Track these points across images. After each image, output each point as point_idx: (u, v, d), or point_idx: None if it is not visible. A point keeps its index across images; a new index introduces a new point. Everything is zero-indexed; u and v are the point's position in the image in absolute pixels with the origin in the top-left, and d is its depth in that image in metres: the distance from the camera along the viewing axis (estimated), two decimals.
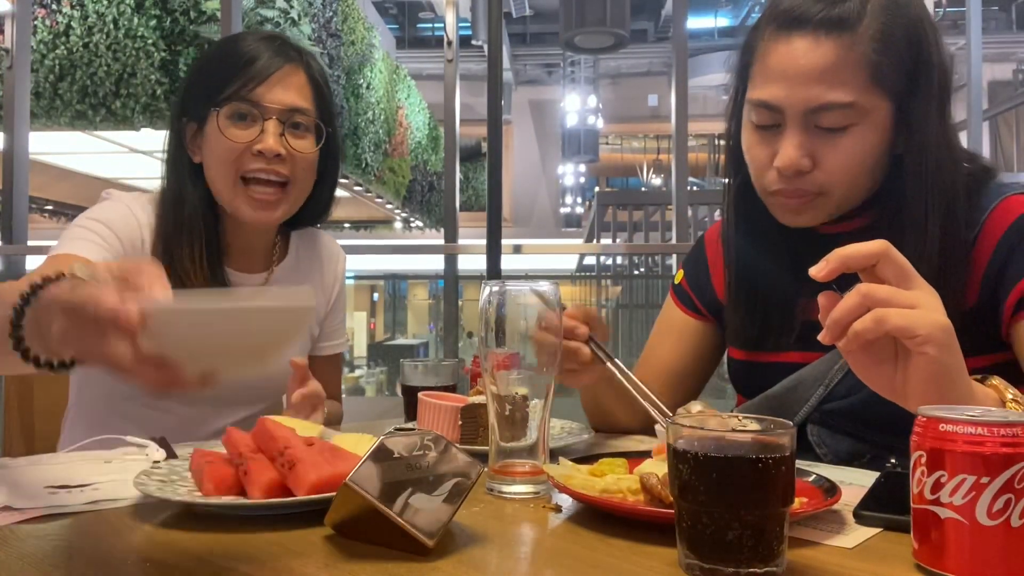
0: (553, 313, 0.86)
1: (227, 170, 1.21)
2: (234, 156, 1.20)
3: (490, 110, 2.82)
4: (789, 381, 1.09)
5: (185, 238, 1.23)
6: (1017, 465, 0.57)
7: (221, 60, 1.25)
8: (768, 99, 1.00)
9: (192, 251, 1.23)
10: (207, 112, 1.21)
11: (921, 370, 0.75)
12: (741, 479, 0.58)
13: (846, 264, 0.76)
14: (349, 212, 13.36)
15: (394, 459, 0.66)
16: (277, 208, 1.24)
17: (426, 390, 1.17)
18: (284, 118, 1.22)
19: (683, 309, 1.29)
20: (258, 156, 1.20)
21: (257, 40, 1.26)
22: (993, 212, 1.00)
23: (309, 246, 1.44)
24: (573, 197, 16.94)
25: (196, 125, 1.25)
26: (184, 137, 1.26)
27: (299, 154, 1.23)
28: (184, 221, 1.23)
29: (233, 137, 1.19)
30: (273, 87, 1.21)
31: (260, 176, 1.21)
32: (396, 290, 14.43)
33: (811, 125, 0.98)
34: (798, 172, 0.99)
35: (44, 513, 0.76)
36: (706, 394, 1.31)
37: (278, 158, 1.21)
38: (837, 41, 0.95)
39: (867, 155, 0.99)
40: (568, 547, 0.68)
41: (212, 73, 1.24)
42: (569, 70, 13.88)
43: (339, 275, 1.47)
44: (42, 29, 5.24)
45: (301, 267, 1.41)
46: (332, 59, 6.56)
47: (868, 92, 0.96)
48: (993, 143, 11.54)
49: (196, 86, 1.27)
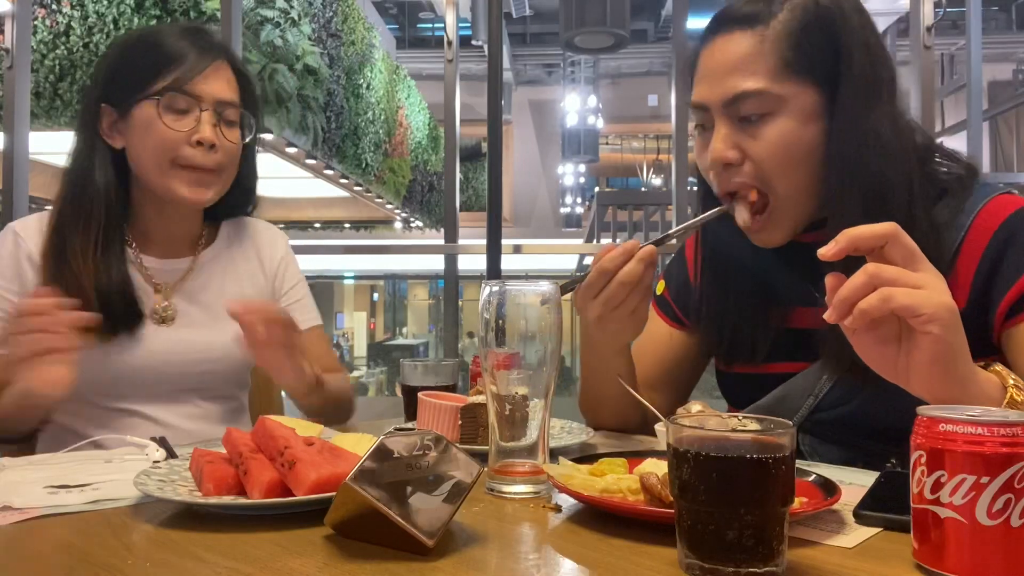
0: None
1: (162, 157, 1.25)
2: (171, 144, 1.25)
3: (490, 110, 2.82)
4: (778, 392, 1.09)
5: (82, 221, 1.26)
6: (1017, 465, 0.57)
7: (148, 52, 1.27)
8: (696, 99, 1.05)
9: (87, 235, 1.25)
10: (135, 101, 1.25)
11: (925, 350, 0.76)
12: (741, 479, 0.58)
13: (854, 244, 0.76)
14: (349, 212, 13.35)
15: (394, 459, 0.66)
16: (210, 189, 1.30)
17: (426, 390, 1.17)
18: (219, 110, 1.28)
19: (665, 320, 1.28)
20: (195, 146, 1.25)
21: (183, 33, 1.30)
22: (979, 215, 0.98)
23: (241, 233, 1.46)
24: (573, 197, 16.93)
25: (117, 113, 1.28)
26: (100, 122, 1.28)
27: (230, 144, 1.30)
28: (83, 204, 1.26)
29: (172, 126, 1.24)
30: (207, 80, 1.27)
31: (195, 164, 1.26)
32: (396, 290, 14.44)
33: (735, 118, 1.01)
34: (726, 164, 1.02)
35: (44, 513, 0.76)
36: (706, 394, 1.31)
37: (212, 148, 1.27)
38: (749, 34, 1.00)
39: (791, 142, 1.00)
40: (568, 547, 0.68)
41: (139, 64, 1.27)
42: (569, 70, 13.88)
43: (281, 256, 1.48)
44: (42, 29, 5.24)
45: (233, 254, 1.43)
46: (332, 59, 6.56)
47: (783, 80, 0.99)
48: (993, 143, 11.54)
49: (120, 75, 1.29)
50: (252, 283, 1.43)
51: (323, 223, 14.85)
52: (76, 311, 1.05)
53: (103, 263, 1.25)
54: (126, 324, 1.27)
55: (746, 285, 1.13)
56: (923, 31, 3.16)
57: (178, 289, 1.35)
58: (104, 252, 1.26)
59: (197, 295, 1.36)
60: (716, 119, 1.03)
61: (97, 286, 1.23)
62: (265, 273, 1.45)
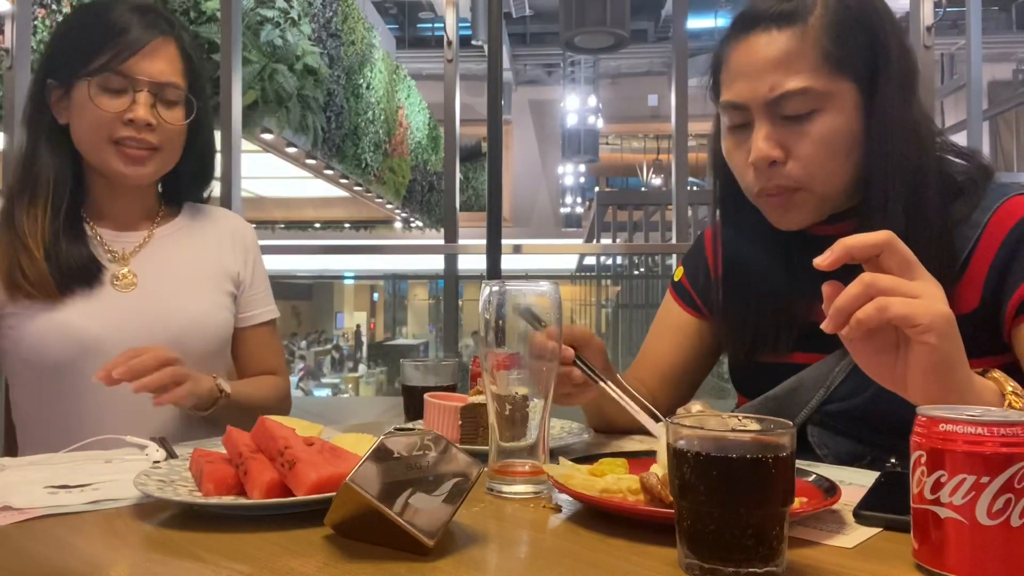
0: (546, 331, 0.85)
1: (97, 135, 1.26)
2: (105, 123, 1.25)
3: (490, 110, 2.82)
4: (790, 383, 1.09)
5: (28, 196, 1.26)
6: (1017, 465, 0.57)
7: (90, 28, 1.27)
8: (733, 99, 1.03)
9: (35, 209, 1.26)
10: (74, 79, 1.25)
11: (922, 359, 0.76)
12: (741, 479, 0.58)
13: (849, 254, 0.76)
14: (349, 212, 13.36)
15: (394, 459, 0.66)
16: (147, 164, 1.29)
17: (426, 390, 1.17)
18: (155, 91, 1.27)
19: (683, 306, 1.28)
20: (128, 124, 1.25)
21: (128, 10, 1.28)
22: (996, 213, 0.99)
23: (206, 220, 1.46)
24: (573, 197, 16.93)
25: (62, 89, 1.28)
26: (47, 97, 1.29)
27: (168, 124, 1.29)
28: (31, 179, 1.27)
29: (104, 107, 1.24)
30: (144, 59, 1.25)
31: (130, 142, 1.26)
32: (396, 290, 14.43)
33: (777, 116, 1.01)
34: (771, 163, 1.01)
35: (44, 513, 0.76)
36: (706, 394, 1.31)
37: (148, 127, 1.26)
38: (789, 32, 1.00)
39: (836, 139, 1.00)
40: (568, 547, 0.68)
41: (81, 40, 1.27)
42: (569, 70, 13.88)
43: (248, 248, 1.47)
44: (42, 29, 5.24)
45: (194, 232, 1.42)
46: (332, 59, 6.56)
47: (825, 76, 0.99)
48: (993, 143, 11.54)
49: (63, 51, 1.29)
50: (216, 260, 1.42)
51: (323, 223, 14.85)
52: None
53: (54, 224, 1.26)
54: (85, 279, 1.26)
55: (768, 279, 1.13)
56: (923, 31, 3.16)
57: (136, 256, 1.34)
58: (55, 216, 1.26)
59: (157, 265, 1.35)
60: (757, 118, 1.02)
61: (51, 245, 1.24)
62: (233, 256, 1.44)
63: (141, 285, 1.32)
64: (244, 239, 1.47)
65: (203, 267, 1.40)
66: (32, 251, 1.23)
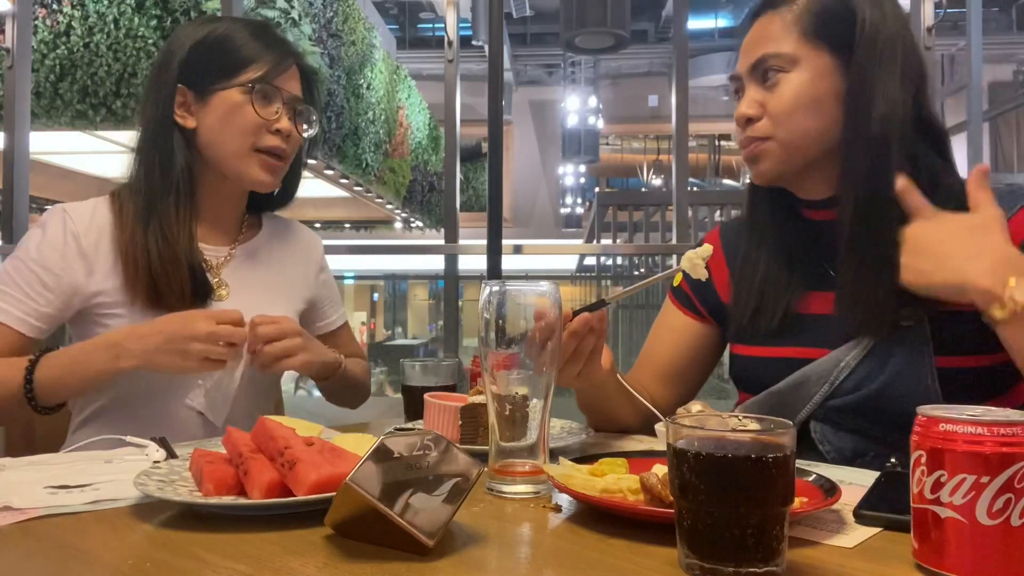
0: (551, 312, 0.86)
1: (244, 140, 1.31)
2: (256, 129, 1.31)
3: (490, 110, 2.82)
4: (794, 378, 1.10)
5: (172, 196, 1.30)
6: (1017, 464, 0.57)
7: (242, 42, 1.33)
8: (734, 72, 1.19)
9: (177, 210, 1.30)
10: (219, 87, 1.31)
11: None
12: (741, 479, 0.58)
13: None
14: (349, 212, 13.36)
15: (394, 459, 0.66)
16: (280, 175, 1.37)
17: (426, 390, 1.17)
18: (294, 105, 1.36)
19: (682, 310, 1.30)
20: (275, 134, 1.32)
21: (265, 30, 1.38)
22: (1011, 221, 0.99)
23: (284, 234, 1.51)
24: (573, 197, 16.93)
25: (195, 94, 1.32)
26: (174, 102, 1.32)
27: (299, 136, 1.38)
28: (172, 179, 1.30)
29: (263, 115, 1.31)
30: (289, 77, 1.36)
31: (272, 150, 1.33)
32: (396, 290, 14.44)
33: (760, 82, 1.12)
34: (747, 120, 1.12)
35: (44, 513, 0.76)
36: (706, 394, 1.31)
37: (288, 137, 1.34)
38: (777, 13, 1.12)
39: (801, 95, 1.09)
40: (568, 547, 0.68)
41: (232, 51, 1.32)
42: (569, 70, 13.88)
43: (319, 261, 1.54)
44: (43, 29, 5.24)
45: (273, 252, 1.46)
46: (332, 59, 6.56)
47: (798, 42, 1.09)
48: (993, 144, 11.54)
49: (205, 60, 1.32)
50: (292, 275, 1.47)
51: (323, 223, 14.85)
52: None
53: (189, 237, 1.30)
54: (203, 293, 1.30)
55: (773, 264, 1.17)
56: (923, 32, 3.16)
57: (226, 267, 1.38)
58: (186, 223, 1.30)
59: (243, 276, 1.39)
60: (745, 85, 1.14)
61: (184, 254, 1.28)
62: (305, 272, 1.50)
63: (232, 296, 1.36)
64: (317, 254, 1.54)
65: (282, 280, 1.45)
66: (180, 259, 1.26)
